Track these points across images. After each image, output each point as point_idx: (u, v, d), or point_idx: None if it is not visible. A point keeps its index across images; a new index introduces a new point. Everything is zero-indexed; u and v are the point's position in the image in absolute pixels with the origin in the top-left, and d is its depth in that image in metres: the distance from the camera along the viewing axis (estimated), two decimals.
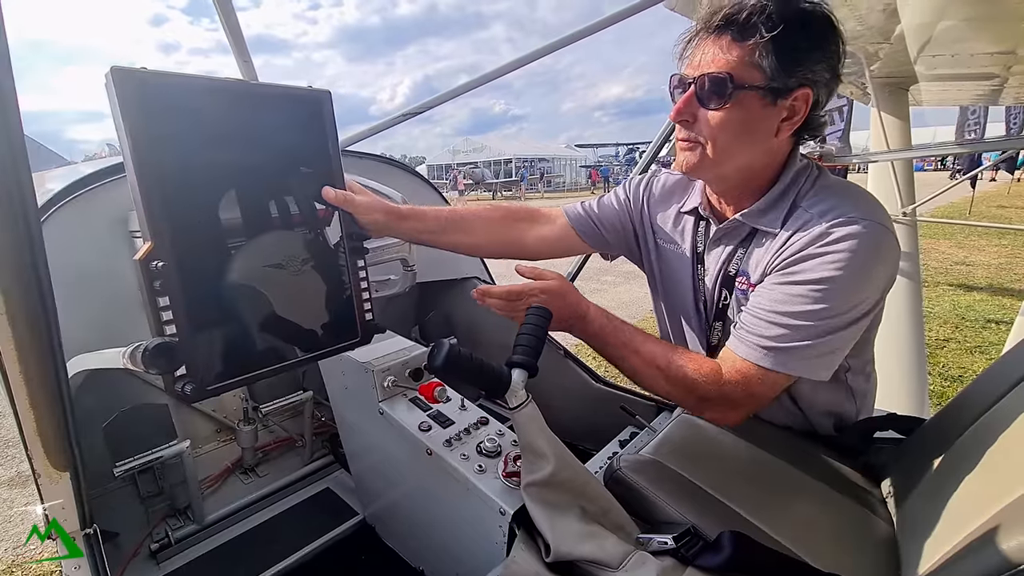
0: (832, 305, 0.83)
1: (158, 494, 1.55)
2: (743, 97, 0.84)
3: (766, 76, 0.83)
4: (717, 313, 1.05)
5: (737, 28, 0.82)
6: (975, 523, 0.71)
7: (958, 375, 3.87)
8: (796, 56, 0.82)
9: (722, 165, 0.93)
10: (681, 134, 0.94)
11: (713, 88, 0.85)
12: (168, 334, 0.76)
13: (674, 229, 1.14)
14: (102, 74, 0.75)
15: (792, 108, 0.86)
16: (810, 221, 0.88)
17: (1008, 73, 2.53)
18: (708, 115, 0.88)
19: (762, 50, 0.81)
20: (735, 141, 0.89)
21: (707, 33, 0.87)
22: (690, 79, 0.89)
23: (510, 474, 0.98)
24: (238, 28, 0.95)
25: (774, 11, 0.80)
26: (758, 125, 0.88)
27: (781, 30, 0.79)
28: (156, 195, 0.76)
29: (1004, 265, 7.46)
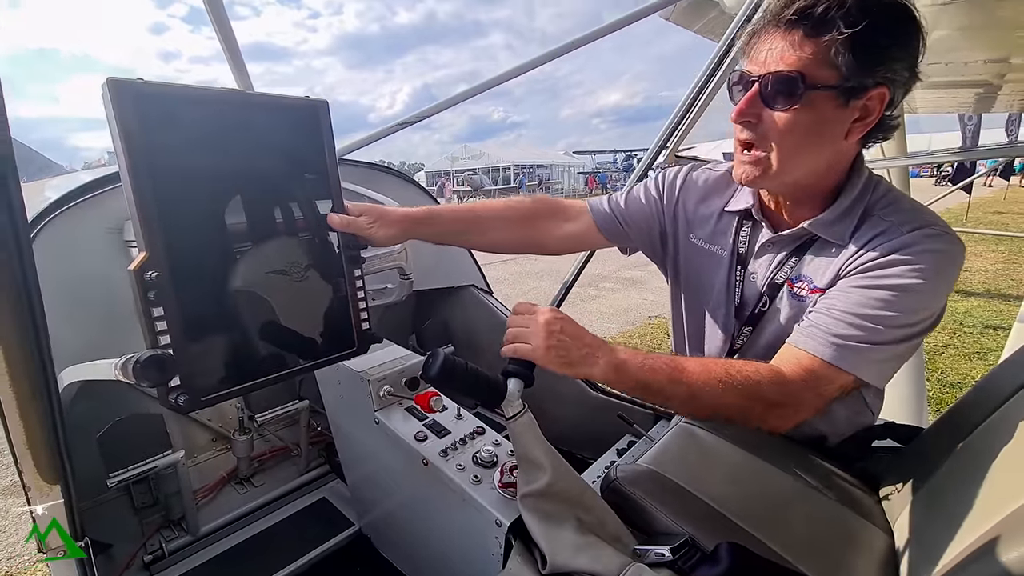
0: (909, 312, 0.82)
1: (152, 505, 1.53)
2: (814, 97, 0.79)
3: (841, 75, 0.77)
4: (751, 318, 1.03)
5: (812, 23, 0.76)
6: (975, 533, 0.70)
7: (957, 381, 3.87)
8: (875, 54, 0.76)
9: (787, 174, 0.87)
10: (742, 135, 0.89)
11: (781, 87, 0.80)
12: (162, 344, 0.75)
13: (715, 228, 1.08)
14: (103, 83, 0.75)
15: (866, 108, 0.81)
16: (890, 230, 0.85)
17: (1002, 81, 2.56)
18: (774, 116, 0.82)
19: (839, 47, 0.75)
20: (802, 145, 0.84)
21: (776, 27, 0.81)
22: (754, 76, 0.83)
23: (506, 485, 0.98)
24: (233, 39, 0.95)
25: (854, 4, 0.74)
26: (829, 127, 0.83)
27: (861, 26, 0.73)
28: (151, 205, 0.76)
29: (1001, 271, 7.49)
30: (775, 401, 0.86)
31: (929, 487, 0.91)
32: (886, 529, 0.96)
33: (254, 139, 0.88)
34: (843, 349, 0.83)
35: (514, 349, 0.88)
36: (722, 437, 1.09)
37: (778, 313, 0.98)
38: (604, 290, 7.41)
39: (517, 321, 0.90)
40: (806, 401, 0.86)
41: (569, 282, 1.77)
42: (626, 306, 6.58)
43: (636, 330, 5.56)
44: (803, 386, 0.85)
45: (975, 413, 0.91)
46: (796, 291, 0.95)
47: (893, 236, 0.84)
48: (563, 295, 1.71)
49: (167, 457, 1.38)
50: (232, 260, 0.87)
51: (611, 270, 8.58)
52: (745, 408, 0.88)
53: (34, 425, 0.62)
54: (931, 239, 0.83)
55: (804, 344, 0.87)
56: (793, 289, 0.96)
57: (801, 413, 0.88)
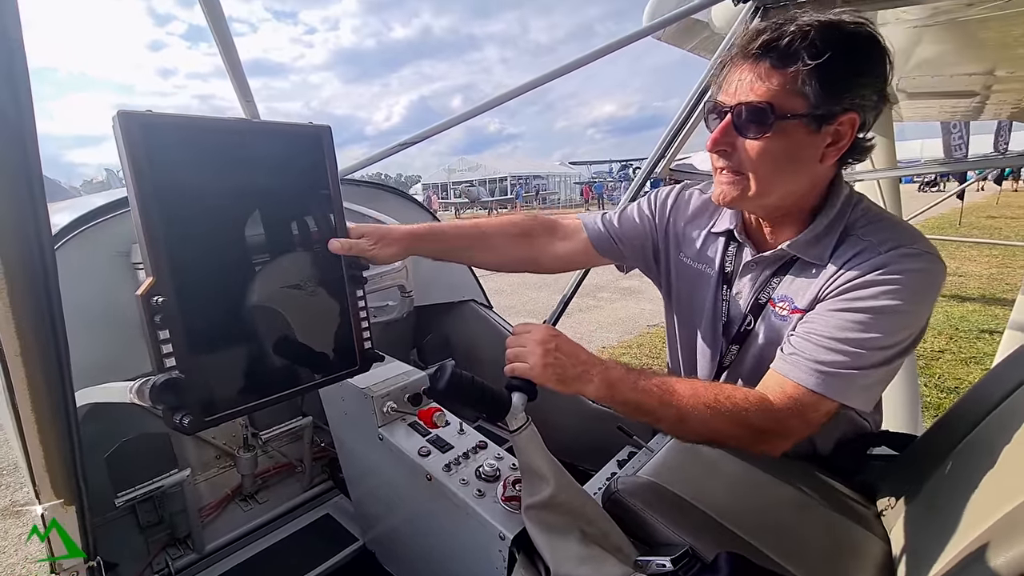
0: (889, 334, 0.83)
1: (158, 523, 1.54)
2: (785, 126, 0.81)
3: (809, 103, 0.79)
4: (738, 336, 1.05)
5: (777, 55, 0.79)
6: (968, 538, 0.72)
7: (954, 386, 3.89)
8: (841, 82, 0.78)
9: (765, 196, 0.89)
10: (719, 163, 0.91)
11: (752, 117, 0.82)
12: (167, 367, 0.78)
13: (702, 248, 1.11)
14: (102, 99, 0.80)
15: (837, 133, 0.83)
16: (868, 250, 0.86)
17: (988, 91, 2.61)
18: (748, 144, 0.85)
19: (805, 77, 0.78)
20: (778, 171, 0.86)
21: (744, 59, 0.83)
22: (726, 107, 0.85)
23: (509, 498, 0.99)
24: (241, 70, 0.99)
25: (817, 37, 0.77)
26: (802, 153, 0.85)
27: (825, 57, 0.76)
28: (159, 232, 0.79)
29: (996, 275, 7.53)
30: (763, 428, 0.87)
31: (924, 494, 0.93)
32: (883, 537, 0.98)
33: (259, 166, 0.91)
34: (827, 376, 0.84)
35: (512, 368, 0.90)
36: (720, 448, 1.11)
37: (762, 332, 1.00)
38: (602, 300, 7.43)
39: (515, 341, 0.93)
40: (793, 428, 0.87)
41: (568, 295, 1.79)
42: (624, 316, 6.60)
43: (635, 339, 5.57)
44: (789, 414, 0.86)
45: (967, 420, 0.92)
46: (778, 311, 0.97)
47: (871, 256, 0.86)
48: (562, 308, 1.73)
49: (173, 476, 1.39)
50: (237, 284, 0.89)
51: (609, 280, 8.61)
52: (733, 434, 0.88)
53: (52, 447, 0.64)
54: (909, 258, 0.83)
55: (788, 372, 0.87)
56: (775, 308, 0.97)
57: (789, 440, 0.89)
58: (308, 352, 1.00)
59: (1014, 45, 1.63)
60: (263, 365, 0.94)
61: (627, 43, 1.42)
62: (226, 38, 0.94)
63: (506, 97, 1.47)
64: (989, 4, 1.22)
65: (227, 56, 0.95)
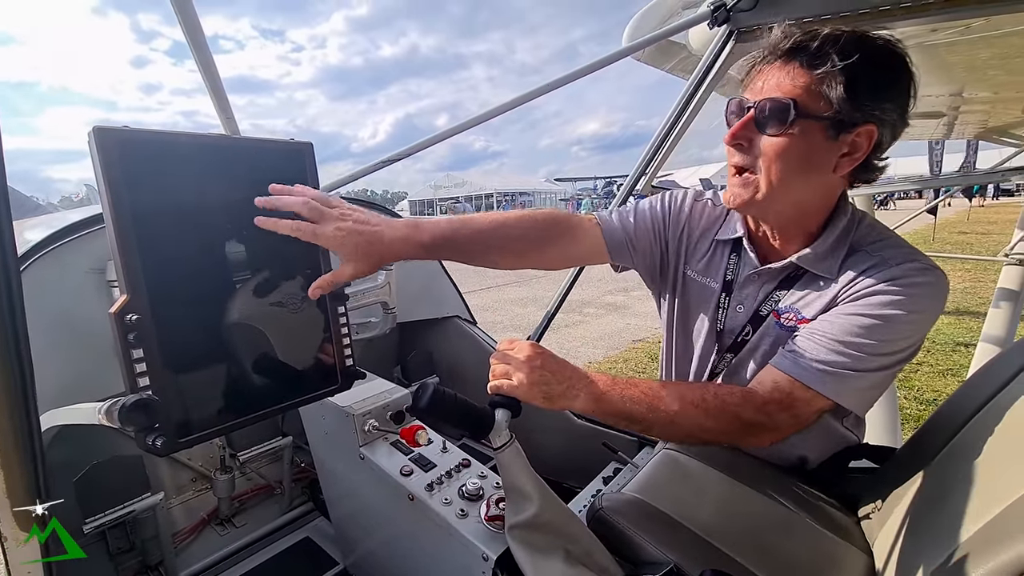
0: (892, 342, 0.85)
1: (129, 550, 1.48)
2: (805, 126, 0.81)
3: (832, 107, 0.80)
4: (733, 346, 1.05)
5: (807, 55, 0.80)
6: (949, 549, 0.73)
7: (932, 398, 3.96)
8: (866, 90, 0.79)
9: (776, 199, 0.89)
10: (734, 159, 0.91)
11: (774, 113, 0.82)
12: (141, 387, 0.75)
13: (709, 261, 1.10)
14: (83, 115, 0.78)
15: (854, 144, 0.84)
16: (880, 263, 0.88)
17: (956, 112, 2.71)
18: (765, 141, 0.85)
19: (831, 80, 0.79)
20: (791, 172, 0.86)
21: (773, 59, 0.85)
22: (750, 103, 0.86)
23: (493, 518, 0.98)
24: (220, 85, 0.98)
25: (848, 43, 0.78)
26: (817, 158, 0.85)
27: (854, 61, 0.77)
28: (134, 249, 0.77)
29: (969, 289, 7.74)
30: (751, 421, 0.87)
31: (904, 506, 0.94)
32: (865, 549, 0.98)
33: (239, 183, 0.90)
34: (825, 374, 0.85)
35: (498, 386, 0.89)
36: (705, 463, 1.11)
37: (761, 343, 1.00)
38: (588, 315, 7.46)
39: (500, 357, 0.92)
40: (782, 423, 0.88)
41: (552, 311, 1.79)
42: (610, 331, 6.62)
43: (620, 354, 5.59)
44: (778, 407, 0.87)
45: (945, 431, 0.94)
46: (783, 322, 0.97)
47: (883, 268, 0.87)
48: (546, 324, 1.74)
49: (145, 500, 1.35)
50: (214, 302, 0.87)
51: (594, 295, 8.66)
52: (723, 430, 0.89)
53: (15, 474, 0.61)
54: (920, 272, 0.86)
55: (785, 367, 0.88)
56: (779, 320, 0.98)
57: (777, 433, 0.89)
58: (287, 370, 0.99)
59: (982, 68, 1.70)
60: (241, 384, 0.91)
61: (607, 63, 1.45)
62: (204, 53, 0.93)
63: (491, 114, 1.48)
64: (952, 30, 1.28)
65: (206, 71, 0.94)
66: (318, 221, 0.85)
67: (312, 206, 0.85)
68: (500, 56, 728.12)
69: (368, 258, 0.87)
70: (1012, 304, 3.09)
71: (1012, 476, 0.72)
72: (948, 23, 1.25)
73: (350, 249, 0.85)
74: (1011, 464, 0.75)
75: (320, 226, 0.85)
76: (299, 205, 0.85)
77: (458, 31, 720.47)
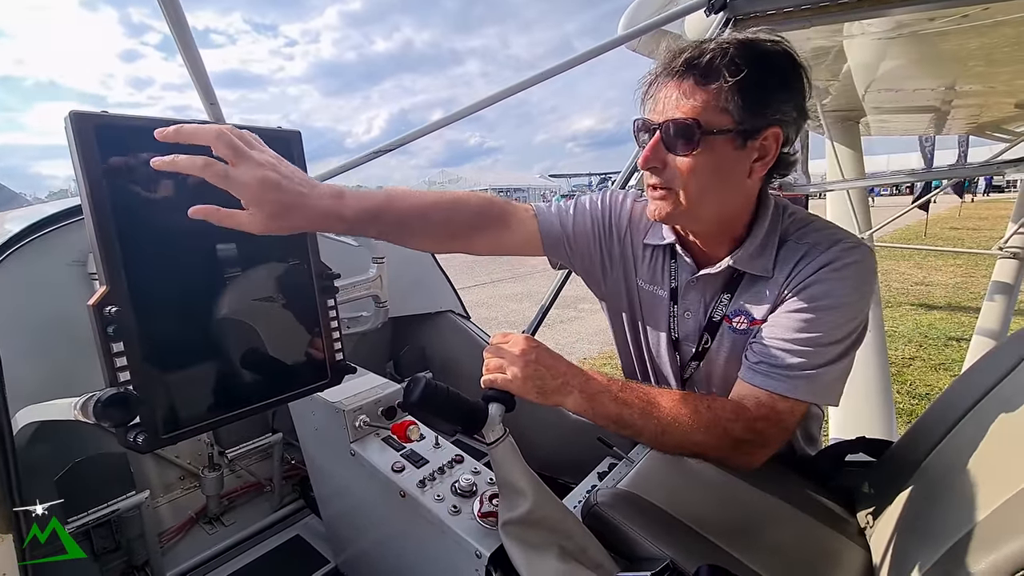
0: (844, 325, 0.86)
1: (114, 550, 1.45)
2: (712, 142, 0.83)
3: (733, 119, 0.81)
4: (696, 354, 1.04)
5: (700, 72, 0.81)
6: (945, 545, 0.72)
7: (925, 392, 3.99)
8: (762, 97, 0.81)
9: (696, 211, 0.90)
10: (651, 180, 0.91)
11: (680, 134, 0.83)
12: (122, 381, 0.73)
13: (652, 267, 1.08)
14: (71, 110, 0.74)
15: (763, 148, 0.85)
16: (810, 252, 0.90)
17: (949, 106, 2.71)
18: (677, 161, 0.85)
19: (727, 93, 0.80)
20: (707, 186, 0.87)
21: (668, 77, 0.85)
22: (655, 124, 0.86)
23: (486, 514, 0.96)
24: (203, 70, 0.95)
25: (736, 54, 0.79)
26: (730, 168, 0.86)
27: (745, 73, 0.78)
28: (114, 240, 0.75)
29: (961, 284, 7.81)
30: (742, 438, 0.88)
31: (901, 500, 0.93)
32: (862, 544, 0.97)
33: None
34: (795, 380, 0.86)
35: (492, 380, 0.88)
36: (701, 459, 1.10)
37: (722, 348, 0.99)
38: (583, 311, 7.46)
39: (494, 351, 0.90)
40: (771, 436, 0.89)
41: (546, 306, 1.77)
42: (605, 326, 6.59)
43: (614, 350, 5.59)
44: (767, 424, 0.88)
45: (941, 425, 0.93)
46: (735, 326, 0.97)
47: (815, 256, 0.89)
48: (540, 318, 1.71)
49: (130, 499, 1.32)
50: (197, 294, 0.85)
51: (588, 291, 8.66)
52: (713, 445, 0.89)
53: None
54: (848, 252, 0.88)
55: (759, 382, 0.89)
56: (732, 324, 0.98)
57: (767, 449, 0.91)
58: (275, 365, 0.96)
59: (972, 59, 1.69)
60: (226, 379, 0.89)
61: (602, 52, 1.43)
62: (186, 36, 0.90)
63: (482, 104, 1.46)
64: (948, 18, 1.27)
65: (188, 57, 0.91)
66: (234, 162, 0.69)
67: (228, 140, 0.69)
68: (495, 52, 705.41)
69: (280, 220, 0.73)
70: (1006, 297, 3.11)
71: (1010, 470, 0.71)
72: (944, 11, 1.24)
73: (265, 205, 0.71)
74: (1008, 458, 0.75)
75: (236, 169, 0.69)
76: (211, 137, 0.69)
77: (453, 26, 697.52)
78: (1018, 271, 3.15)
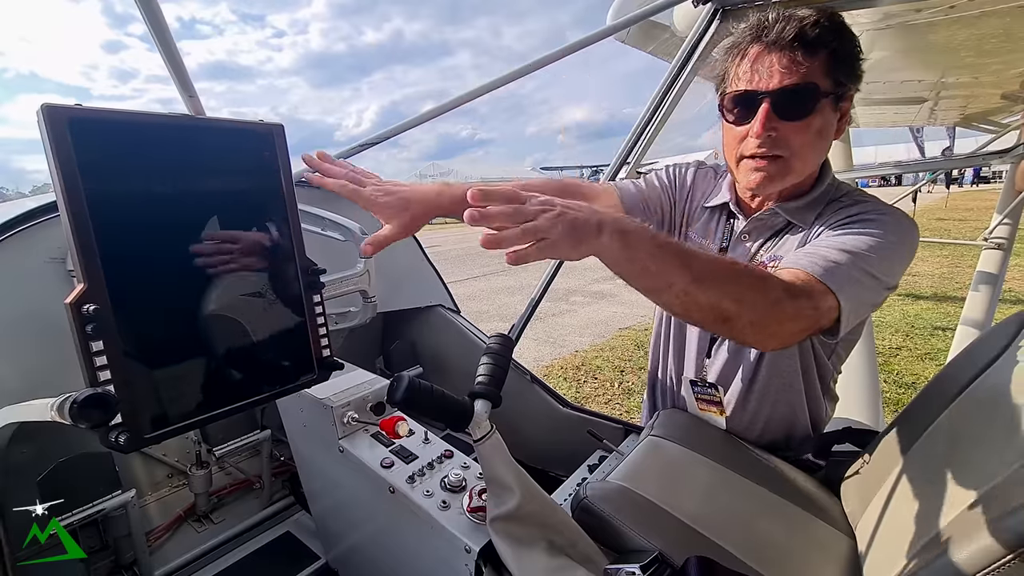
0: (878, 255, 0.86)
1: (101, 549, 1.44)
2: (822, 105, 0.89)
3: (836, 83, 0.89)
4: None
5: (808, 40, 0.87)
6: (930, 533, 0.73)
7: (911, 382, 4.04)
8: (852, 61, 0.90)
9: (801, 175, 0.97)
10: (758, 150, 0.93)
11: (797, 98, 0.88)
12: (102, 381, 0.71)
13: (706, 222, 1.17)
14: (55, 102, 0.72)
15: (844, 108, 0.94)
16: (853, 205, 0.96)
17: (937, 97, 2.72)
18: (791, 127, 0.90)
19: (832, 60, 0.88)
20: (816, 149, 0.94)
21: (776, 48, 0.89)
22: (763, 93, 0.89)
23: (475, 509, 0.96)
24: (179, 61, 0.93)
25: (828, 24, 0.87)
26: (829, 128, 0.93)
27: (842, 40, 0.88)
28: (90, 235, 0.73)
29: (947, 275, 7.91)
30: (778, 297, 0.78)
31: (886, 489, 0.94)
32: (848, 532, 0.99)
33: (202, 165, 0.85)
34: (831, 269, 0.83)
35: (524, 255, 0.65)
36: (690, 449, 1.11)
37: None
38: (575, 304, 7.47)
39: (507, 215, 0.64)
40: (802, 308, 0.79)
41: (536, 299, 1.76)
42: (597, 319, 6.64)
43: (607, 342, 5.61)
44: (804, 295, 0.80)
45: (926, 414, 0.94)
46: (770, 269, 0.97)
47: (856, 207, 0.95)
48: (530, 312, 1.71)
49: (116, 498, 1.30)
50: (179, 290, 0.83)
51: (580, 284, 8.67)
52: (750, 301, 0.76)
53: None
54: (892, 211, 0.93)
55: (799, 263, 0.85)
56: (770, 268, 0.99)
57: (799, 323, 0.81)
58: (260, 361, 0.95)
59: (960, 50, 1.70)
60: (211, 377, 0.88)
61: (590, 43, 1.41)
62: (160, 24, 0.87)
63: (472, 95, 1.44)
64: (936, 8, 1.27)
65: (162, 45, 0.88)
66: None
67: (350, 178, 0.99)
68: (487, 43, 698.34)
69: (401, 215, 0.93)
70: (991, 287, 3.15)
71: (993, 459, 0.72)
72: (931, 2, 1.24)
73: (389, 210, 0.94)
74: (992, 446, 0.75)
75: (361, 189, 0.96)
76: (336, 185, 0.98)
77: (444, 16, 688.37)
78: (1002, 261, 3.18)
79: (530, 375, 1.87)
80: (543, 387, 1.85)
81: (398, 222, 0.93)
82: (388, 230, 0.93)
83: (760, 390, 1.10)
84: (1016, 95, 2.46)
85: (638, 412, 3.80)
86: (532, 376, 1.87)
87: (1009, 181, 3.24)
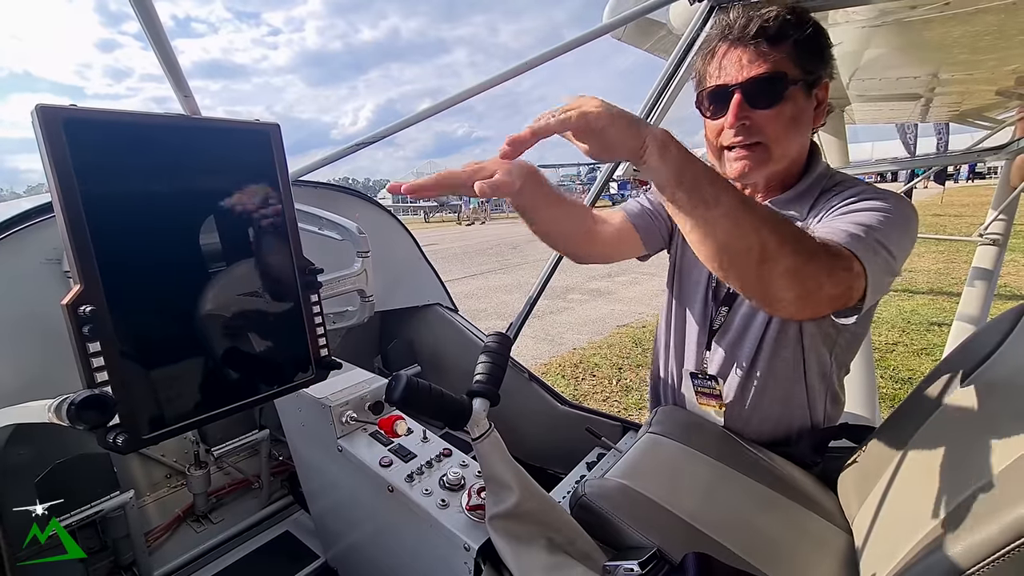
0: (891, 228, 0.84)
1: (100, 550, 1.44)
2: (791, 92, 0.93)
3: (804, 70, 0.93)
4: (726, 298, 1.14)
5: (770, 33, 0.91)
6: (926, 528, 0.73)
7: (908, 377, 4.05)
8: (820, 51, 0.94)
9: (780, 161, 0.99)
10: (735, 139, 0.97)
11: (766, 87, 0.92)
12: (99, 382, 0.71)
13: None
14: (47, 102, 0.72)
15: (819, 97, 0.98)
16: (853, 187, 0.97)
17: (932, 94, 2.73)
18: (763, 115, 0.94)
19: (797, 49, 0.92)
20: (792, 135, 0.97)
21: (741, 43, 0.94)
22: (733, 86, 0.94)
23: (474, 507, 0.96)
24: (174, 60, 0.92)
25: (794, 18, 0.92)
26: (803, 115, 0.96)
27: (808, 31, 0.92)
28: (86, 236, 0.73)
29: (942, 271, 7.93)
30: (815, 250, 0.73)
31: (882, 484, 0.94)
32: (845, 528, 0.99)
33: (198, 165, 0.85)
34: (855, 237, 0.80)
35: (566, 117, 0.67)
36: (688, 446, 1.11)
37: None
38: (572, 301, 7.47)
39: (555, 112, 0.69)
40: (836, 271, 0.75)
41: (534, 296, 1.77)
42: (595, 316, 6.65)
43: (605, 339, 5.62)
44: (837, 253, 0.77)
45: (922, 410, 0.95)
46: None
47: (860, 188, 0.96)
48: (528, 310, 1.71)
49: (114, 498, 1.30)
50: (176, 291, 0.83)
51: (578, 282, 8.67)
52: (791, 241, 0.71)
53: None
54: (896, 196, 0.93)
55: (823, 232, 0.82)
56: None
57: (833, 281, 0.76)
58: (258, 361, 0.95)
59: (955, 47, 1.70)
60: (208, 377, 0.87)
61: (586, 41, 1.41)
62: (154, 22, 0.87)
63: (469, 93, 1.43)
64: (931, 5, 1.27)
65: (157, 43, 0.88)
66: None
67: None
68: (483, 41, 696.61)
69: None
70: (986, 283, 3.16)
71: (988, 454, 0.73)
72: None
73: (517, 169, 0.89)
74: (987, 442, 0.76)
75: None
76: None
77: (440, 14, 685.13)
78: (998, 257, 3.20)
79: (528, 373, 1.88)
80: (541, 385, 1.85)
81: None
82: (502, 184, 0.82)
83: (758, 383, 1.11)
84: (1010, 91, 2.47)
85: (636, 409, 3.81)
86: (530, 374, 1.88)
87: (1004, 177, 3.25)
